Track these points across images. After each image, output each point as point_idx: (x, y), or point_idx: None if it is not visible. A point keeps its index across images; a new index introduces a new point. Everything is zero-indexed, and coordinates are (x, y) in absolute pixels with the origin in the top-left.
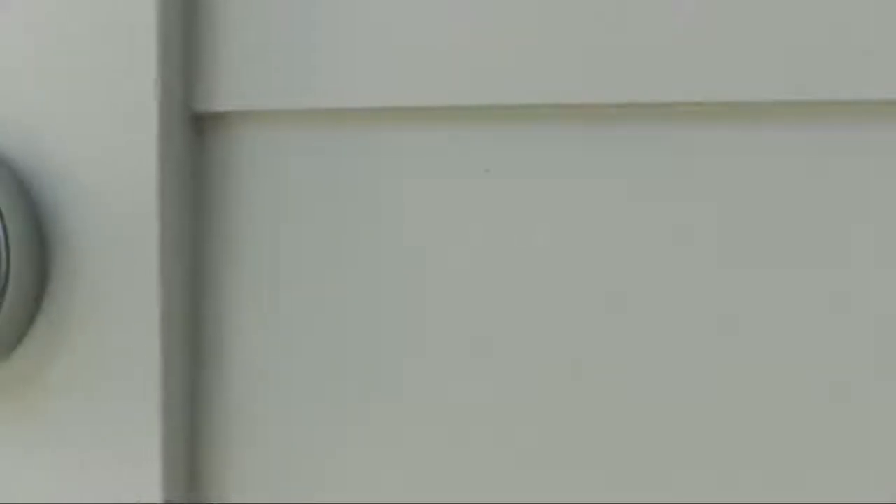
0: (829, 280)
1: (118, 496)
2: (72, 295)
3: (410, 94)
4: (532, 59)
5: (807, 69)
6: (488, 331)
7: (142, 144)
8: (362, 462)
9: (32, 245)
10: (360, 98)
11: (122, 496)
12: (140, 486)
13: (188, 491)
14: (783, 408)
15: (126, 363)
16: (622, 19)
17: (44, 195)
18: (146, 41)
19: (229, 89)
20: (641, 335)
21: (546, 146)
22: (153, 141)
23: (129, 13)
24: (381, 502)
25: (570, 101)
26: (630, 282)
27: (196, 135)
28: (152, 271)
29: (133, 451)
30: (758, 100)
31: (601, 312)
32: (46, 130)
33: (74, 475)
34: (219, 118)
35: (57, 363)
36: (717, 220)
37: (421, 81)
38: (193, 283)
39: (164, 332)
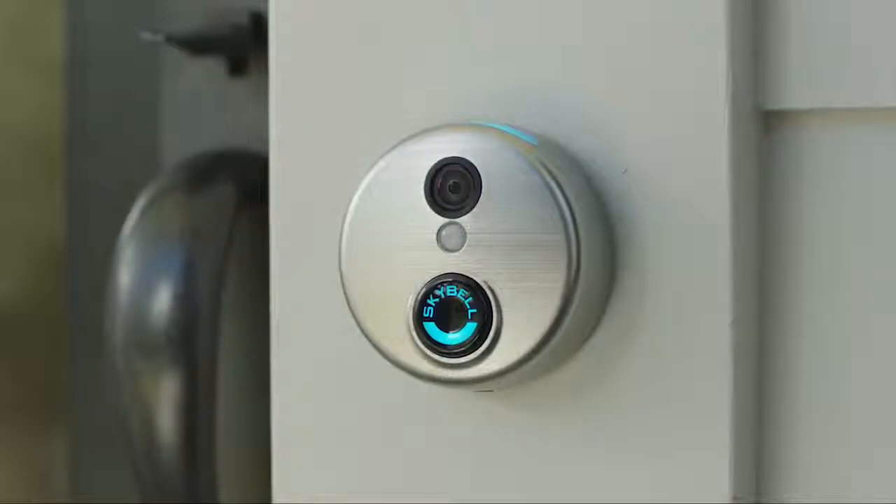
0: None
1: (686, 494)
2: (640, 295)
3: None
4: None
5: None
6: None
7: (712, 143)
8: None
9: (602, 244)
10: None
11: (690, 494)
12: (709, 485)
13: (754, 489)
14: None
15: (695, 364)
16: None
17: (613, 193)
18: (716, 41)
19: (799, 87)
20: None
21: None
22: (724, 140)
23: (700, 13)
24: None
25: None
26: None
27: (764, 133)
28: (724, 273)
29: (702, 451)
30: None
31: None
32: (616, 129)
33: (641, 473)
34: (787, 116)
35: (622, 364)
36: None
37: None
38: (760, 283)
39: (735, 336)
